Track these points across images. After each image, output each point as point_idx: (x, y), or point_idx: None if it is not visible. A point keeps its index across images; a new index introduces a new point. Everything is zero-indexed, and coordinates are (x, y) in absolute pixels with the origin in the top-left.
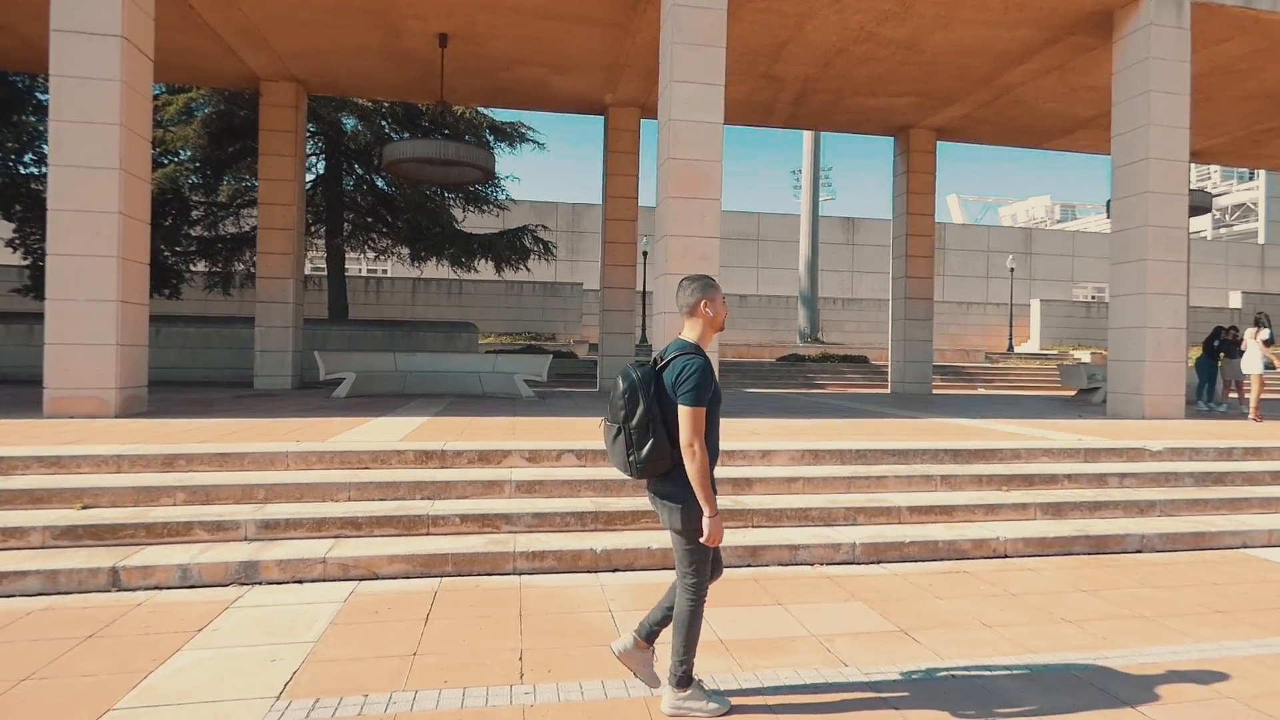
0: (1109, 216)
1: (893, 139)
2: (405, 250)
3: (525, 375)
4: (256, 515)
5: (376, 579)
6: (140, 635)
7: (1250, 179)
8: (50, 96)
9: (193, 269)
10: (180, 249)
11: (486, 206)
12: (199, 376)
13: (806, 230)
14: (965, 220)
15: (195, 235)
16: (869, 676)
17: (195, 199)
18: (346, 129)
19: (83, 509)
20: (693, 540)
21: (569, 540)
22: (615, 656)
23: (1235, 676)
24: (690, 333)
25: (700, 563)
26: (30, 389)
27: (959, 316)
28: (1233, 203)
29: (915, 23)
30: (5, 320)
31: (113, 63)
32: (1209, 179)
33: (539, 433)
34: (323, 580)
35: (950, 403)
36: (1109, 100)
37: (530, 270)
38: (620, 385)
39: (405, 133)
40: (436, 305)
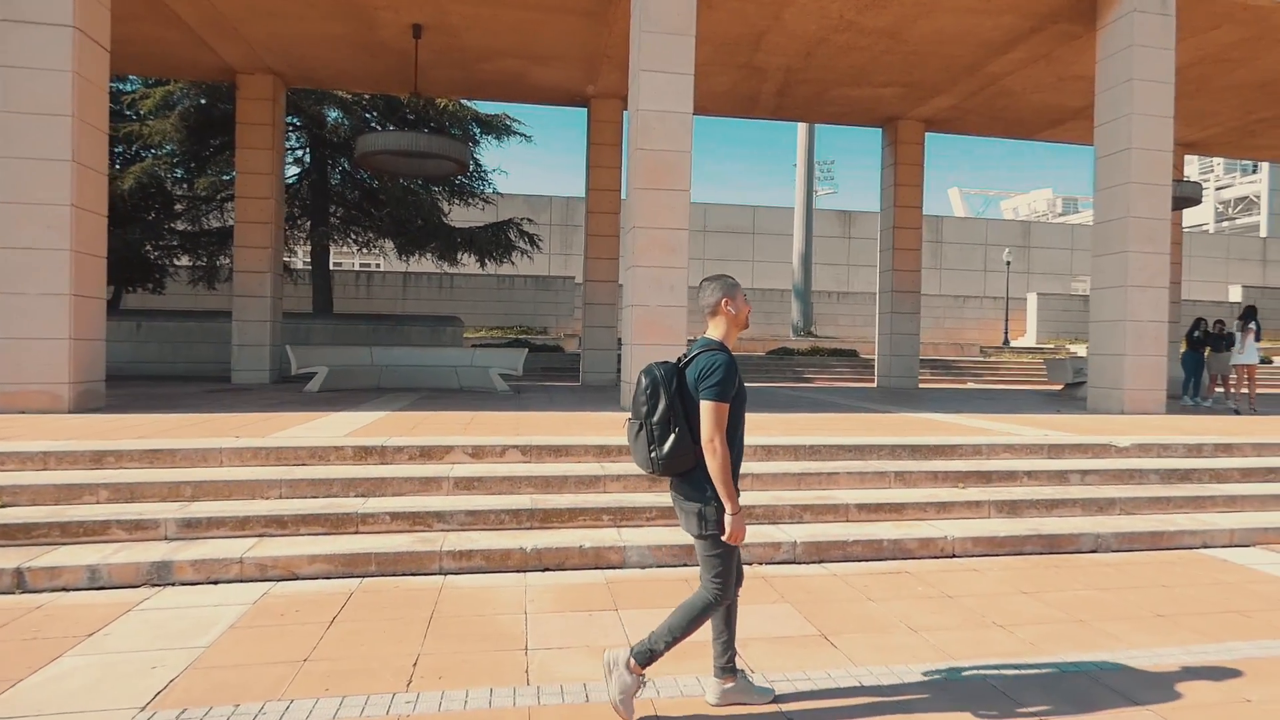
0: None
1: (881, 130)
2: (391, 244)
3: (500, 369)
4: (179, 514)
5: (295, 579)
6: (26, 640)
7: (1254, 171)
8: None
9: (177, 263)
10: (163, 243)
11: (473, 200)
12: (182, 371)
13: (800, 223)
14: (966, 214)
15: (179, 230)
16: (768, 684)
17: (178, 193)
18: (330, 121)
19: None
20: (713, 545)
21: (500, 539)
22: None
23: (1159, 686)
24: (715, 331)
25: (724, 568)
26: None
27: (955, 310)
28: (1235, 196)
29: (896, 10)
30: None
31: (64, 53)
32: (1211, 171)
33: (493, 428)
34: (239, 581)
35: (934, 397)
36: None
37: (515, 264)
38: (642, 381)
39: (390, 125)
40: (427, 299)
